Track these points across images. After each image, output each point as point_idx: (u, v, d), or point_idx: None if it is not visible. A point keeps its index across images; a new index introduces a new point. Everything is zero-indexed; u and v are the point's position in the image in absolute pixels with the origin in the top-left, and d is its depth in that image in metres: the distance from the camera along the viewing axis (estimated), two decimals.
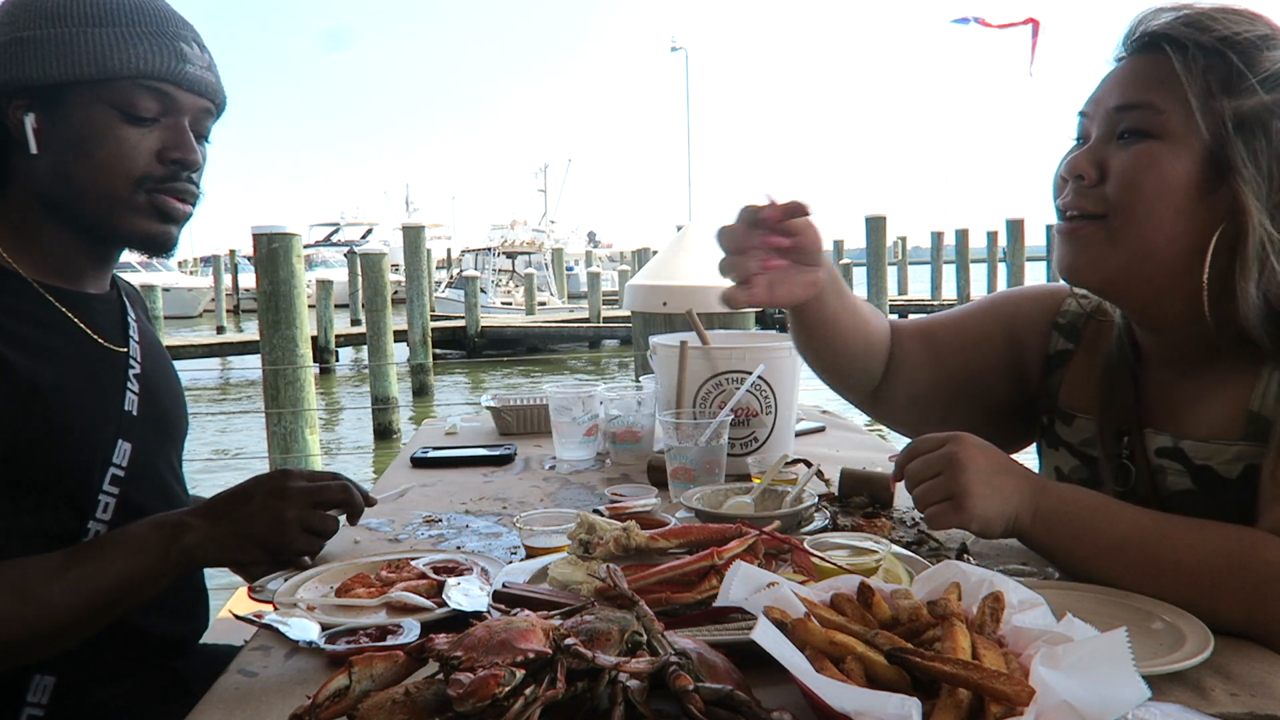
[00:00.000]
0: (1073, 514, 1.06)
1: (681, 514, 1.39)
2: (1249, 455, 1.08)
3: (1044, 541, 1.08)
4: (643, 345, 2.39)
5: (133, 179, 1.17)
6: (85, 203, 1.18)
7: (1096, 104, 1.15)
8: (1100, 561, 1.05)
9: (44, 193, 1.18)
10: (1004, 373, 1.38)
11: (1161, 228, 1.08)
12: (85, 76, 1.14)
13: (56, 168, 1.16)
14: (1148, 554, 1.03)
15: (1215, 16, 1.08)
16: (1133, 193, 1.08)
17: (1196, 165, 1.06)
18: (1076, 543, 1.06)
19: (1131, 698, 0.67)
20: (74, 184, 1.17)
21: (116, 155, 1.16)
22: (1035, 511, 1.06)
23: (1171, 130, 1.07)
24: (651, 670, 0.75)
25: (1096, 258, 1.12)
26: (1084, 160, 1.12)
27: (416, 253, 16.98)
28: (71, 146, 1.15)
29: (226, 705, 0.89)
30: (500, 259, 38.21)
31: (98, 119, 1.15)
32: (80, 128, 1.15)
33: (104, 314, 1.28)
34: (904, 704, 0.65)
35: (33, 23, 1.14)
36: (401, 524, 1.48)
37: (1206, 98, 1.05)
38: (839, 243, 35.75)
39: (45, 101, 1.15)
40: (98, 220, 1.20)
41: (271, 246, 6.64)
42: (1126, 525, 1.05)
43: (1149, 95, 1.08)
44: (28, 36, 1.14)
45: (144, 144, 1.17)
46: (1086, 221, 1.12)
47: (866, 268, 19.12)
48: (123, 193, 1.17)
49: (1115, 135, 1.11)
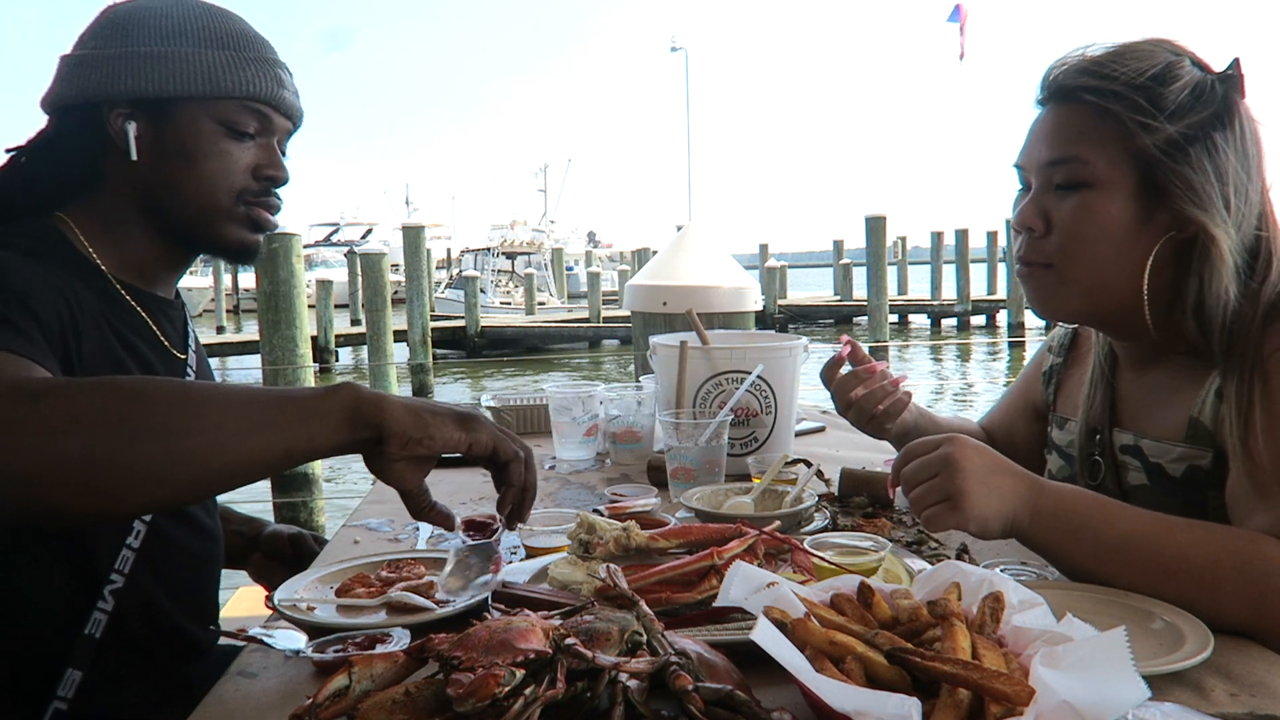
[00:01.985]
0: (1071, 513, 1.07)
1: (681, 514, 1.39)
2: (1190, 457, 1.18)
3: (1043, 540, 1.08)
4: (643, 345, 2.39)
5: (234, 191, 1.25)
6: (187, 210, 1.24)
7: (1029, 158, 1.23)
8: (1101, 561, 1.05)
9: (142, 198, 1.24)
10: (1036, 420, 1.56)
11: (1107, 265, 1.18)
12: (198, 94, 1.21)
13: (159, 175, 1.23)
14: (1149, 553, 1.03)
15: (1118, 59, 1.15)
16: (1076, 241, 1.18)
17: (1130, 200, 1.15)
18: (1076, 542, 1.06)
19: (1131, 698, 0.67)
20: (178, 192, 1.23)
21: (221, 168, 1.24)
22: (1033, 511, 1.07)
23: (1100, 177, 1.15)
24: (651, 670, 0.75)
25: (1055, 297, 1.23)
26: (1030, 213, 1.21)
27: (416, 253, 16.98)
28: (177, 156, 1.23)
29: (226, 706, 0.89)
30: (500, 259, 38.21)
31: (205, 133, 1.23)
32: (187, 140, 1.23)
33: (172, 320, 1.33)
34: (904, 704, 0.65)
35: (149, 38, 1.21)
36: (401, 524, 1.48)
37: (1124, 140, 1.13)
38: (839, 243, 35.71)
39: (150, 112, 1.21)
40: (196, 227, 1.26)
41: (271, 246, 6.65)
42: (1127, 524, 1.05)
43: (1074, 149, 1.17)
44: (144, 51, 1.20)
45: (243, 159, 1.26)
46: (1039, 269, 1.22)
47: (866, 268, 19.13)
48: (225, 203, 1.25)
49: (1052, 186, 1.20)
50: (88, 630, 1.15)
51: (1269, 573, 0.99)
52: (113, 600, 1.16)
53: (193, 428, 0.87)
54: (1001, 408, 1.64)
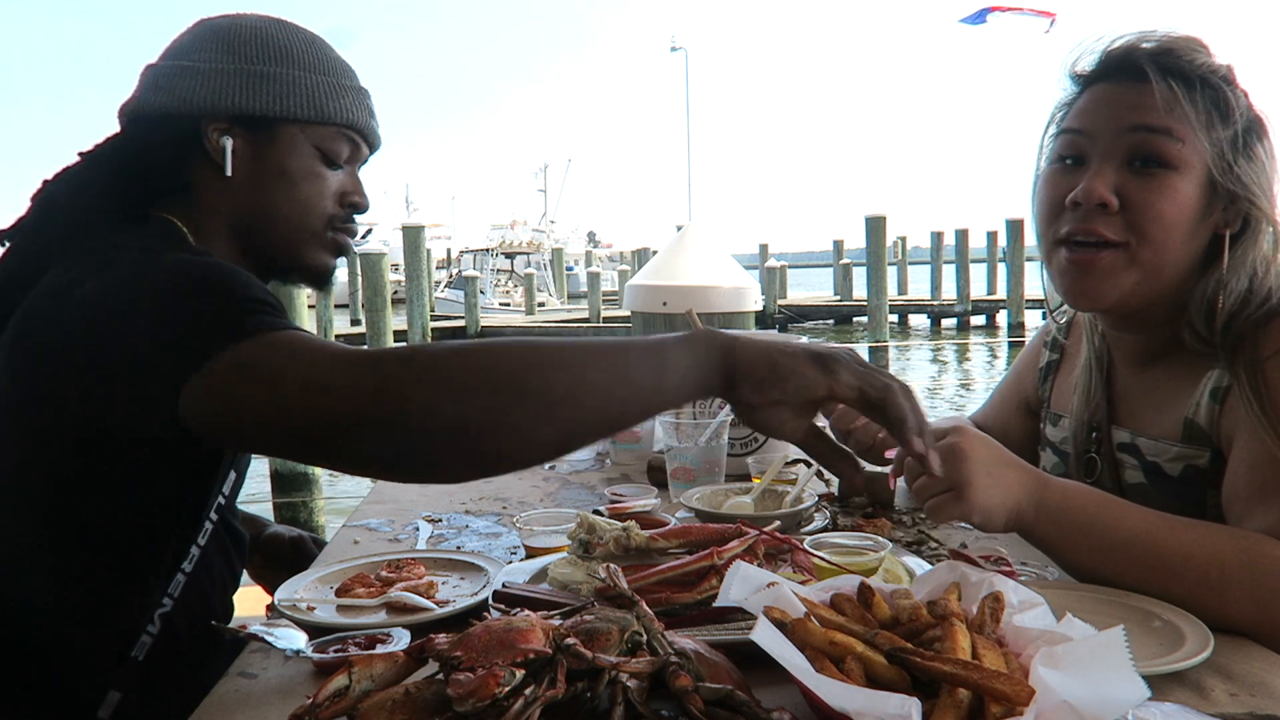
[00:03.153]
0: (1078, 509, 1.06)
1: (681, 514, 1.39)
2: (1187, 456, 1.18)
3: (1046, 536, 1.07)
4: None
5: (325, 216, 1.26)
6: (278, 231, 1.25)
7: (1099, 121, 1.16)
8: (1106, 559, 1.05)
9: (232, 215, 1.23)
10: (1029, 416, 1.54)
11: (1174, 250, 1.15)
12: (301, 117, 1.22)
13: (253, 194, 1.22)
14: (1156, 551, 1.03)
15: (1187, 51, 1.15)
16: (1157, 223, 1.13)
17: (1201, 190, 1.14)
18: (1082, 538, 1.06)
19: (1131, 697, 0.67)
20: (271, 213, 1.23)
21: (316, 192, 1.25)
22: (1038, 505, 1.06)
23: (1185, 158, 1.13)
24: (651, 670, 0.75)
25: (1109, 280, 1.15)
26: (1103, 188, 1.13)
27: (416, 253, 16.99)
28: (276, 177, 1.23)
29: (226, 707, 0.89)
30: (499, 259, 38.18)
31: (303, 156, 1.24)
32: (285, 161, 1.23)
33: None
34: (904, 704, 0.65)
35: (257, 57, 1.21)
36: (401, 524, 1.48)
37: (1204, 130, 1.13)
38: (839, 243, 35.69)
39: (251, 130, 1.21)
40: (284, 248, 1.26)
41: None
42: (1133, 522, 1.05)
43: (1170, 120, 1.13)
44: (254, 70, 1.20)
45: (334, 185, 1.27)
46: (1108, 250, 1.15)
47: (866, 268, 19.14)
48: (316, 227, 1.26)
49: (1125, 160, 1.14)
50: (134, 653, 1.13)
51: (1275, 572, 0.99)
52: (160, 624, 1.14)
53: (561, 386, 0.87)
54: (994, 404, 1.62)
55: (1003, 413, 1.59)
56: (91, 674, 1.12)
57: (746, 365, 0.90)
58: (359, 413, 0.85)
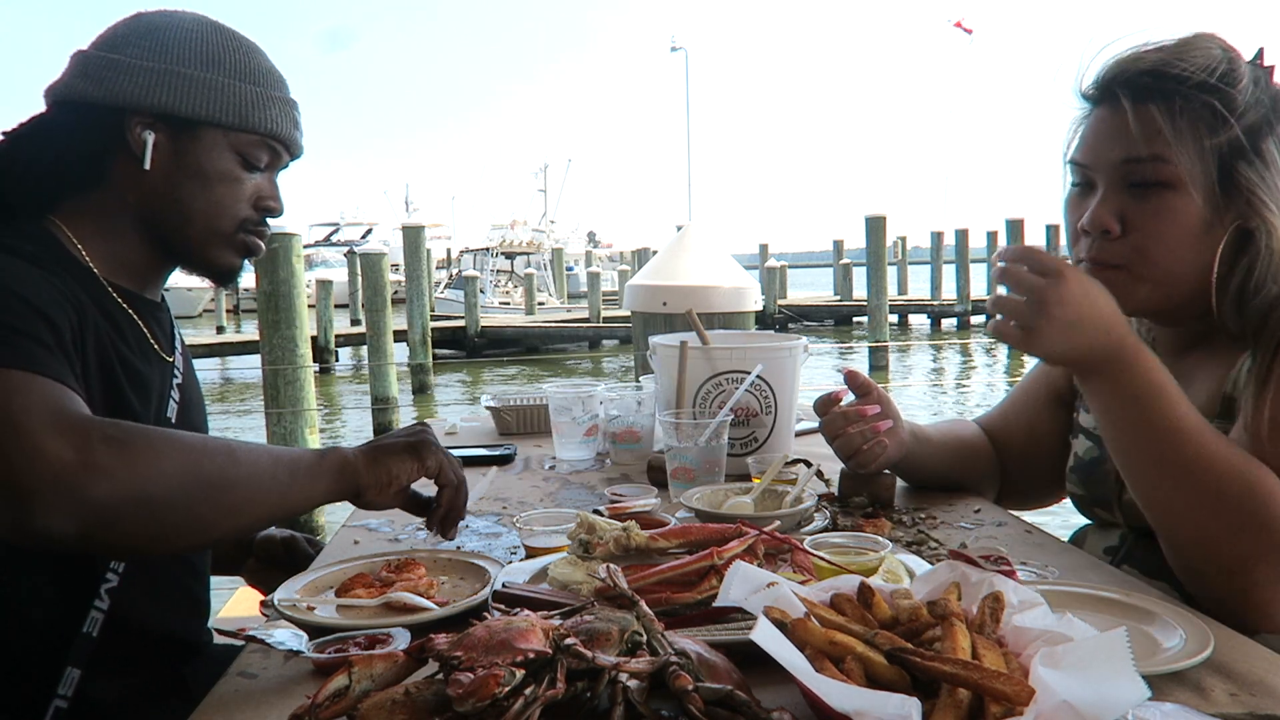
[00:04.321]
0: (1144, 383, 1.09)
1: (681, 514, 1.39)
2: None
3: (1100, 391, 1.11)
4: (643, 345, 2.39)
5: (237, 219, 1.30)
6: (190, 228, 1.28)
7: (1098, 156, 1.22)
8: (1151, 440, 1.09)
9: (143, 205, 1.26)
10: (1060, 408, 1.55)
11: (1182, 261, 1.19)
12: (225, 123, 1.26)
13: (169, 189, 1.26)
14: (1196, 444, 1.07)
15: (1182, 58, 1.16)
16: (1156, 242, 1.18)
17: (1206, 197, 1.16)
18: (1135, 408, 1.09)
19: (1131, 697, 0.67)
20: (185, 209, 1.27)
21: (231, 195, 1.29)
22: (1106, 358, 1.09)
23: (1180, 176, 1.15)
24: (651, 670, 0.75)
25: (1128, 296, 1.18)
26: (1104, 215, 1.20)
27: (416, 253, 16.98)
28: (192, 176, 1.26)
29: (226, 707, 0.89)
30: (499, 259, 38.17)
31: (222, 160, 1.28)
32: (205, 163, 1.27)
33: (160, 322, 1.34)
34: (904, 704, 0.65)
35: (189, 61, 1.25)
36: (401, 524, 1.48)
37: (1201, 140, 1.14)
38: (839, 243, 35.69)
39: (174, 128, 1.25)
40: (193, 245, 1.30)
41: (271, 247, 6.63)
42: (1184, 410, 1.08)
43: (1154, 148, 1.16)
44: (183, 72, 1.24)
45: (249, 189, 1.31)
46: (1112, 270, 1.20)
47: (866, 268, 19.12)
48: (226, 228, 1.30)
49: (1124, 185, 1.19)
50: (85, 629, 1.16)
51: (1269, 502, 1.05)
52: (109, 599, 1.18)
53: (239, 483, 1.01)
54: (1019, 399, 1.63)
55: (1030, 405, 1.59)
56: (45, 650, 1.15)
57: (369, 476, 1.11)
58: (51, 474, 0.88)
